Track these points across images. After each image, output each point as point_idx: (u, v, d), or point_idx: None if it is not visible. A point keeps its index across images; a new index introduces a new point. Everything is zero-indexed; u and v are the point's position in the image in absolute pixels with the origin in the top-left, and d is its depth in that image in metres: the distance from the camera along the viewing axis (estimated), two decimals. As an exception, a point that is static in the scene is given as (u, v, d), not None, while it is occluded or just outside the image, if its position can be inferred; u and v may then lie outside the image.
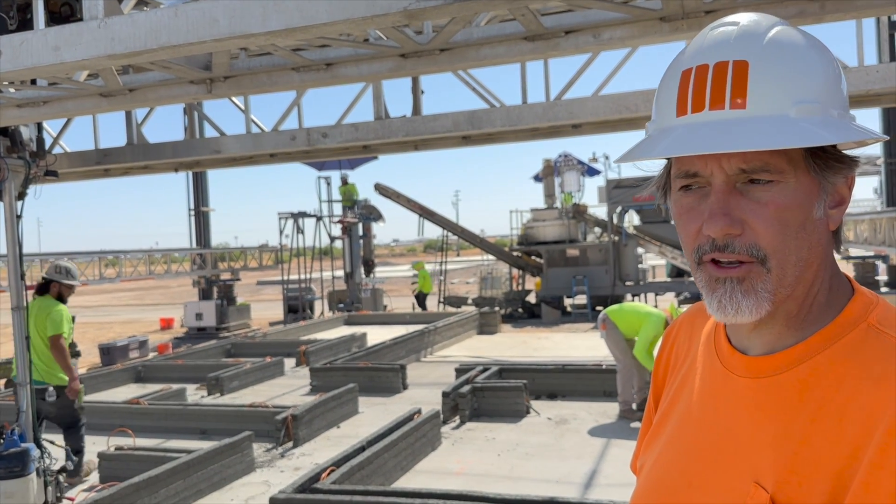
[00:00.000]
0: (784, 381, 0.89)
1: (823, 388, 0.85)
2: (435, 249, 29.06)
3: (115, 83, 4.99)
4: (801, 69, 0.86)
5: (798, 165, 0.87)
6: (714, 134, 0.84)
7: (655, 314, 7.73)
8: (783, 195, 0.86)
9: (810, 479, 0.82)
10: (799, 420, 0.85)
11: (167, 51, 3.39)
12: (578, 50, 4.48)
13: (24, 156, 5.95)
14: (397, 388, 10.32)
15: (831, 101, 0.86)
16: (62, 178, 8.53)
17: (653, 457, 1.05)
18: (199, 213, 22.74)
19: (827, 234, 0.91)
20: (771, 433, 0.87)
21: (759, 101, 0.84)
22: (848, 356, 0.86)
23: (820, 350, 0.88)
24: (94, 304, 36.71)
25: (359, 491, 5.29)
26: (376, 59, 4.79)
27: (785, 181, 0.86)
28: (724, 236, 0.87)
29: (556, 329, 17.33)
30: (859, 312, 0.89)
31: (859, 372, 0.84)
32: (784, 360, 0.90)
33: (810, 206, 0.88)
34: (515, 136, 8.65)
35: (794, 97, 0.84)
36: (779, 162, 0.86)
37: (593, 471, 6.58)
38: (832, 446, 0.82)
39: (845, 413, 0.82)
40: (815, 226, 0.89)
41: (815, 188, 0.88)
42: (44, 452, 5.74)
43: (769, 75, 0.85)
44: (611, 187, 20.31)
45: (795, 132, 0.83)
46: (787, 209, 0.86)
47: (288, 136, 7.94)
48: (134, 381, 12.20)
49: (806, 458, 0.83)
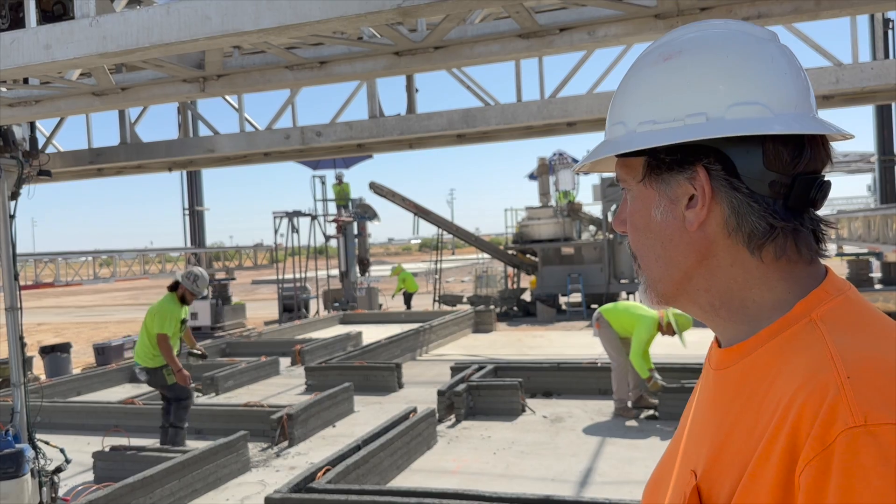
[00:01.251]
0: (731, 373, 0.91)
1: (754, 381, 0.87)
2: (430, 248, 29.06)
3: (108, 82, 4.96)
4: (621, 91, 0.99)
5: (639, 176, 0.97)
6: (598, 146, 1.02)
7: (648, 316, 7.75)
8: (631, 202, 0.99)
9: (726, 470, 0.84)
10: (731, 412, 0.87)
11: (159, 49, 3.37)
12: (573, 47, 4.47)
13: (17, 155, 5.91)
14: (393, 386, 10.31)
15: (638, 115, 0.94)
16: (55, 178, 8.49)
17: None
18: (194, 212, 22.67)
19: (685, 235, 0.93)
20: (712, 424, 0.90)
21: (611, 121, 1.00)
22: (779, 350, 0.87)
23: (763, 343, 0.89)
24: (89, 304, 36.60)
25: (354, 490, 5.28)
26: (370, 56, 4.77)
27: (632, 189, 0.99)
28: (622, 234, 1.02)
29: (552, 327, 17.35)
30: (808, 308, 0.89)
31: (781, 365, 0.85)
32: (736, 353, 0.92)
33: (648, 210, 0.96)
34: (510, 135, 8.64)
35: (614, 119, 0.98)
36: (622, 173, 0.99)
37: (589, 469, 6.58)
38: (747, 439, 0.83)
39: (762, 407, 0.83)
40: (659, 227, 0.95)
41: (651, 193, 0.96)
42: (38, 453, 5.71)
43: (622, 96, 0.98)
44: (605, 185, 20.32)
45: (603, 148, 0.98)
46: (633, 213, 0.99)
47: (282, 134, 7.92)
48: (129, 380, 12.16)
49: (727, 449, 0.85)
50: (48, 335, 22.05)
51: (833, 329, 0.84)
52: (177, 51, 3.47)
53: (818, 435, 0.75)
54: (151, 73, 5.12)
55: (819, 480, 0.73)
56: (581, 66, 7.11)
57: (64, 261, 18.43)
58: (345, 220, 21.71)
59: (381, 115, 7.60)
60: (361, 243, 22.83)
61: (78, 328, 24.62)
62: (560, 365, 9.73)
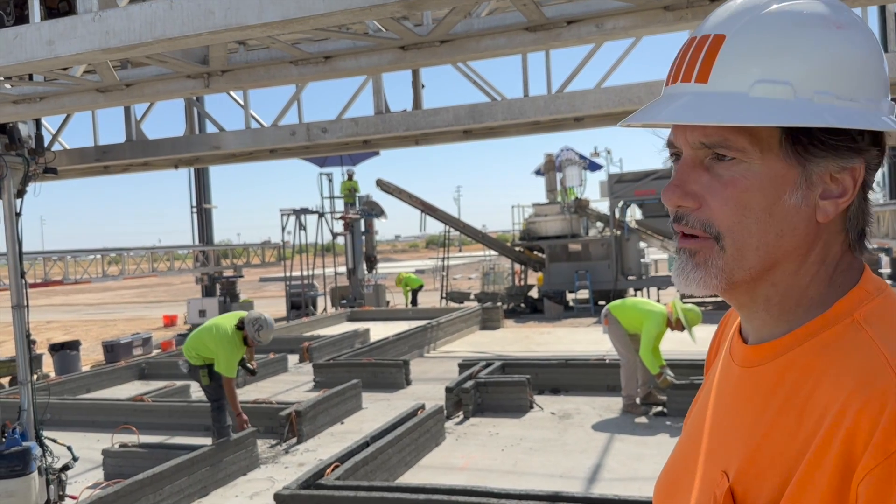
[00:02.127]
0: (764, 372, 0.87)
1: (793, 381, 0.83)
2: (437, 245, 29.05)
3: (112, 78, 4.95)
4: (780, 47, 0.81)
5: (768, 147, 0.83)
6: (668, 106, 0.84)
7: (657, 312, 7.70)
8: (745, 175, 0.83)
9: (765, 472, 0.81)
10: (768, 412, 0.84)
11: (162, 44, 3.35)
12: (581, 40, 4.42)
13: (23, 153, 5.92)
14: (400, 383, 10.30)
15: (815, 83, 0.80)
16: (61, 176, 8.50)
17: (677, 440, 1.06)
18: (202, 210, 22.71)
19: (813, 225, 0.85)
20: (745, 423, 0.86)
21: (720, 77, 0.83)
22: (822, 351, 0.83)
23: (801, 342, 0.85)
24: (98, 302, 36.77)
25: (363, 486, 5.27)
26: (375, 51, 4.73)
27: (749, 161, 0.83)
28: (677, 208, 0.88)
29: (559, 324, 17.30)
30: (850, 307, 0.85)
31: (825, 367, 0.81)
32: (770, 351, 0.88)
33: (778, 192, 0.83)
34: (517, 130, 8.59)
35: (757, 76, 0.81)
36: (739, 140, 0.83)
37: (597, 465, 6.55)
38: (789, 441, 0.80)
39: (805, 408, 0.80)
40: (786, 213, 0.84)
41: (788, 173, 0.83)
42: (45, 451, 5.72)
43: (739, 51, 0.82)
44: (613, 182, 20.25)
45: (742, 111, 0.80)
46: (748, 190, 0.83)
47: (287, 131, 7.89)
48: (138, 378, 12.21)
49: (765, 452, 0.82)
50: (57, 333, 22.15)
51: (881, 331, 0.81)
52: (180, 46, 3.45)
53: (879, 444, 0.72)
54: (156, 70, 5.09)
55: (882, 490, 0.71)
56: (589, 61, 7.06)
57: (72, 259, 18.50)
58: (352, 218, 21.71)
59: (386, 111, 7.56)
60: (369, 240, 22.83)
61: (87, 326, 24.71)
62: (568, 361, 9.69)
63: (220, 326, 7.03)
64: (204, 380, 7.08)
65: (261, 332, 6.95)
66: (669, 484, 0.99)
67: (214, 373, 7.06)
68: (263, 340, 7.08)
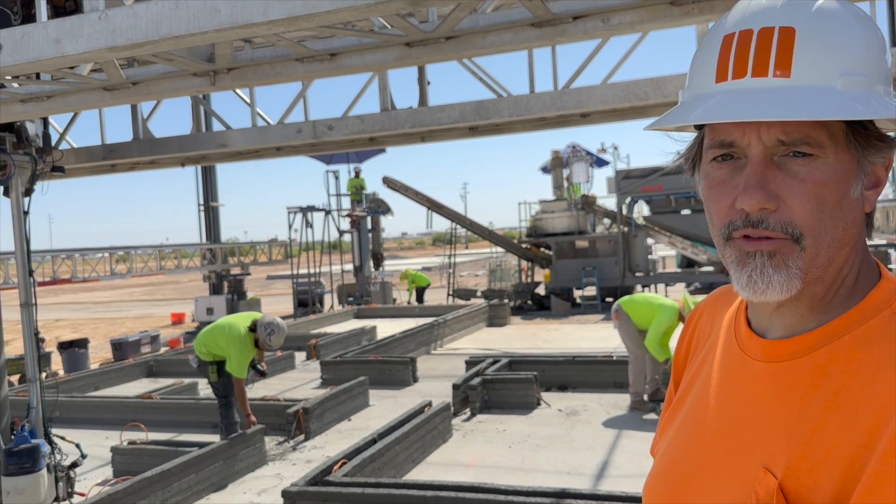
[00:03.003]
0: (800, 365, 0.86)
1: (840, 374, 0.82)
2: (443, 242, 29.05)
3: (119, 77, 4.96)
4: (848, 40, 0.82)
5: (838, 141, 0.83)
6: (756, 101, 0.80)
7: (669, 306, 7.67)
8: (822, 171, 0.82)
9: (821, 467, 0.79)
10: (813, 406, 0.82)
11: (168, 42, 3.35)
12: (587, 36, 4.40)
13: (31, 152, 5.95)
14: (407, 380, 10.30)
15: (876, 75, 0.83)
16: (69, 174, 8.52)
17: (667, 441, 1.03)
18: (209, 208, 22.75)
19: (862, 217, 0.88)
20: (784, 419, 0.84)
21: (804, 71, 0.81)
22: (868, 342, 0.82)
23: (840, 335, 0.85)
24: (106, 300, 36.92)
25: (370, 483, 5.27)
26: (381, 48, 4.72)
27: (824, 157, 0.82)
28: (760, 211, 0.83)
29: (566, 321, 17.28)
30: (884, 298, 0.86)
31: (878, 359, 0.80)
32: (802, 345, 0.86)
33: (848, 185, 0.84)
34: (523, 126, 8.57)
35: (840, 69, 0.81)
36: (820, 136, 0.82)
37: (605, 462, 6.54)
38: (845, 434, 0.78)
39: (860, 401, 0.79)
40: (851, 205, 0.85)
41: (853, 166, 0.84)
42: (54, 448, 5.75)
43: (816, 44, 0.81)
44: (620, 178, 20.20)
45: (843, 104, 0.79)
46: (825, 186, 0.82)
47: (294, 128, 7.89)
48: (146, 375, 12.26)
49: (818, 445, 0.80)
50: (66, 331, 22.26)
51: None
52: (186, 44, 3.45)
53: None
54: (162, 68, 5.10)
55: None
56: (595, 56, 7.03)
57: (81, 257, 18.58)
58: (358, 215, 21.73)
59: (392, 109, 7.55)
60: (375, 238, 22.85)
61: (95, 324, 24.83)
62: (575, 358, 9.67)
63: (234, 327, 7.02)
64: (213, 376, 7.10)
65: (272, 337, 6.94)
66: (676, 484, 0.96)
67: (223, 370, 7.08)
68: (274, 345, 7.06)
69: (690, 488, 0.92)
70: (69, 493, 5.79)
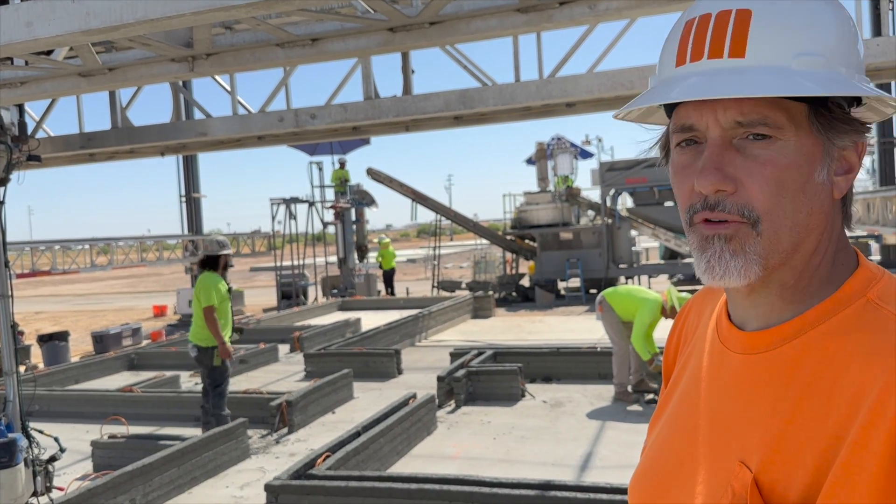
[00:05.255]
0: (776, 357, 0.85)
1: (814, 364, 0.81)
2: (428, 234, 28.98)
3: (94, 62, 4.84)
4: (808, 21, 0.82)
5: (800, 123, 0.82)
6: (705, 82, 0.81)
7: (651, 299, 7.67)
8: (782, 154, 0.82)
9: (794, 459, 0.78)
10: (787, 398, 0.82)
11: (144, 25, 3.25)
12: (573, 22, 4.34)
13: (6, 140, 5.81)
14: (392, 373, 10.26)
15: (840, 58, 0.82)
16: (46, 164, 8.38)
17: (653, 436, 1.02)
18: (191, 199, 22.55)
19: (830, 202, 0.86)
20: (759, 411, 0.84)
21: (758, 51, 0.81)
22: (841, 332, 0.82)
23: (814, 325, 0.84)
24: (87, 292, 36.54)
25: (354, 476, 5.23)
26: (364, 33, 4.64)
27: (784, 139, 0.82)
28: (716, 193, 0.83)
29: (551, 312, 17.29)
30: (859, 287, 0.85)
31: (851, 348, 0.80)
32: (777, 336, 0.86)
33: (811, 168, 0.83)
34: (508, 116, 8.53)
35: (796, 49, 0.80)
36: (778, 116, 0.81)
37: (589, 453, 6.53)
38: (818, 425, 0.78)
39: (833, 391, 0.78)
40: (815, 190, 0.84)
41: (817, 149, 0.83)
42: (32, 442, 5.64)
43: (772, 25, 0.81)
44: (604, 170, 20.23)
45: (793, 83, 0.79)
46: (786, 169, 0.82)
47: (275, 117, 7.78)
48: (127, 368, 12.13)
49: (791, 438, 0.80)
50: (46, 323, 22.00)
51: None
52: (163, 27, 3.36)
53: None
54: (139, 53, 4.99)
55: None
56: (580, 45, 6.98)
57: (61, 249, 18.33)
58: (342, 207, 21.60)
59: (376, 97, 7.46)
60: (359, 230, 22.73)
61: (76, 316, 24.56)
62: (559, 350, 9.68)
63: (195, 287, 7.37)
64: (216, 360, 7.17)
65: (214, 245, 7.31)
66: (659, 481, 0.95)
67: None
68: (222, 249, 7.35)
69: (672, 485, 0.92)
70: (48, 488, 5.68)
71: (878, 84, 17.21)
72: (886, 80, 9.47)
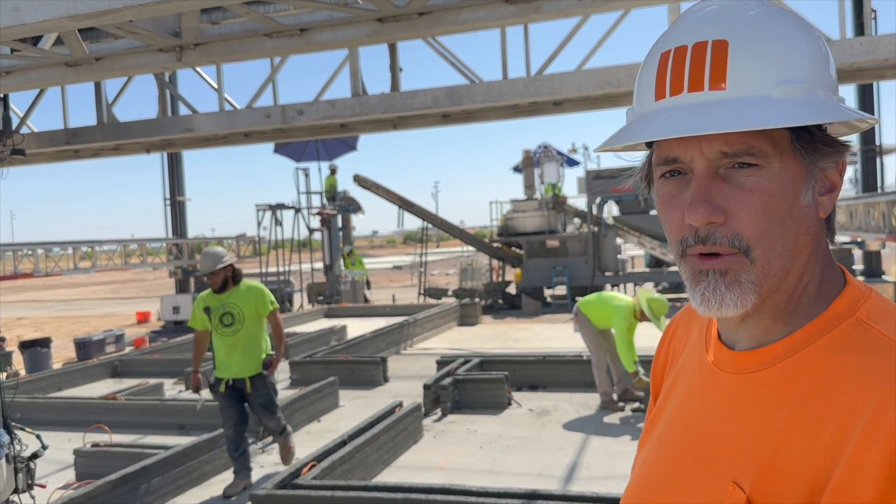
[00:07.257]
0: (766, 377, 0.86)
1: (806, 384, 0.82)
2: (414, 241, 28.92)
3: (81, 51, 4.73)
4: (784, 48, 0.82)
5: (783, 149, 0.83)
6: (691, 116, 0.81)
7: (622, 306, 7.65)
8: (768, 180, 0.82)
9: (788, 480, 0.79)
10: (779, 418, 0.82)
11: (132, 10, 3.16)
12: (562, 14, 4.29)
13: (-12, 138, 5.70)
14: (378, 381, 10.19)
15: (817, 81, 0.83)
16: (31, 160, 8.24)
17: (643, 455, 1.03)
18: (175, 202, 22.30)
19: (817, 223, 0.87)
20: (751, 431, 0.84)
21: (739, 82, 0.81)
22: (833, 352, 0.82)
23: (804, 345, 0.84)
24: (70, 298, 36.14)
25: (340, 486, 5.16)
26: (352, 23, 4.57)
27: (769, 166, 0.82)
28: (706, 225, 0.83)
29: (537, 320, 17.27)
30: (848, 306, 0.86)
31: (843, 368, 0.80)
32: (768, 356, 0.86)
33: (797, 192, 0.84)
34: (496, 114, 8.47)
35: (776, 77, 0.81)
36: (763, 145, 0.82)
37: (574, 463, 6.49)
38: (811, 445, 0.78)
39: (826, 411, 0.79)
40: (802, 213, 0.85)
41: (802, 173, 0.84)
42: (14, 439, 5.52)
43: (750, 55, 0.81)
44: (590, 178, 20.29)
45: (778, 112, 0.79)
46: (773, 195, 0.82)
47: (262, 113, 7.67)
48: (110, 375, 11.97)
49: (784, 458, 0.80)
50: (28, 329, 21.71)
51: (892, 329, 0.81)
52: (151, 13, 3.27)
53: None
54: (127, 43, 4.89)
55: None
56: (569, 42, 6.94)
57: (44, 252, 18.08)
58: (329, 213, 21.49)
59: (364, 94, 7.38)
60: (346, 236, 22.62)
61: (58, 322, 24.26)
62: (546, 358, 9.64)
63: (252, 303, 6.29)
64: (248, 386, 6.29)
65: (217, 255, 6.22)
66: (648, 501, 0.94)
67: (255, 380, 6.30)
68: (202, 268, 6.27)
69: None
70: (29, 485, 5.57)
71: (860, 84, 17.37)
72: (868, 80, 9.51)
